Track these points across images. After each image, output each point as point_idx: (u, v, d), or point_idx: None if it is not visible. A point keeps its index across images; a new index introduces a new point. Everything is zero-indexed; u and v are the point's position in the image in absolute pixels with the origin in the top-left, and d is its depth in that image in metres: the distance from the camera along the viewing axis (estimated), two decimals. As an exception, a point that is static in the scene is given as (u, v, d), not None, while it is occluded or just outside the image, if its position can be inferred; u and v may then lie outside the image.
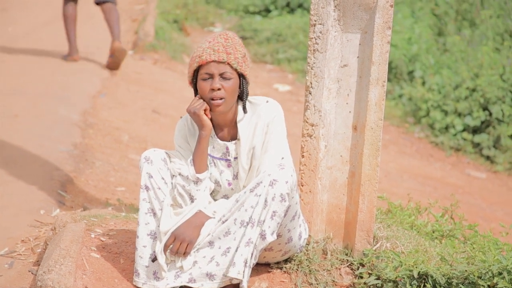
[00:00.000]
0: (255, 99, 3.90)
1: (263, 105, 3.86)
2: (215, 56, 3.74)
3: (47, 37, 11.38)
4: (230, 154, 3.88)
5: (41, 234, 4.86)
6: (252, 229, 3.64)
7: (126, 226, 4.50)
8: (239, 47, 3.80)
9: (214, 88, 3.73)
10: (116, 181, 6.57)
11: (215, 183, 3.91)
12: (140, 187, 3.80)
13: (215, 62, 3.75)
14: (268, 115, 3.84)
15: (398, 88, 11.75)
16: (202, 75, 3.77)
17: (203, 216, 3.75)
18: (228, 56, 3.75)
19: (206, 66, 3.76)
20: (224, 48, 3.76)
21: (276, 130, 3.83)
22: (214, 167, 3.90)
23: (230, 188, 3.90)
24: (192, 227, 3.73)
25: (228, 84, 3.76)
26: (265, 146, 3.81)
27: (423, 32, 12.74)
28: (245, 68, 3.80)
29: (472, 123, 10.42)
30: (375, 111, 4.07)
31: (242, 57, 3.79)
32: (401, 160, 9.75)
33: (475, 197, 8.80)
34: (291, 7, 14.80)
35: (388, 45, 4.05)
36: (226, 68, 3.75)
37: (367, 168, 4.10)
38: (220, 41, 3.78)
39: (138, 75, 10.19)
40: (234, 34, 3.86)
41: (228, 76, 3.76)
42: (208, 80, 3.76)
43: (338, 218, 4.23)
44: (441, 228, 4.79)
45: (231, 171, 3.89)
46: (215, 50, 3.75)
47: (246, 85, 3.84)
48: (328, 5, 4.08)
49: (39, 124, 7.36)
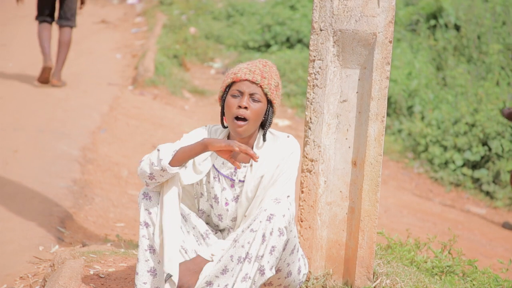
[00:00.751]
0: (277, 132, 3.91)
1: (283, 139, 3.88)
2: (250, 76, 3.77)
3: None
4: (237, 175, 3.87)
5: (39, 271, 4.84)
6: (249, 264, 3.62)
7: (125, 262, 4.48)
8: (275, 76, 3.83)
9: (241, 105, 3.74)
10: (116, 217, 6.56)
11: (213, 198, 3.89)
12: (139, 223, 3.78)
13: (249, 82, 3.77)
14: (286, 150, 3.84)
15: (397, 123, 11.78)
16: (233, 91, 3.78)
17: (201, 260, 3.73)
18: (263, 80, 3.77)
19: (239, 83, 3.78)
20: (261, 71, 3.79)
21: (289, 167, 3.83)
22: (218, 182, 3.89)
23: (226, 208, 3.88)
24: (191, 272, 3.71)
25: (255, 106, 3.76)
26: (274, 179, 3.81)
27: (422, 67, 12.80)
28: (275, 97, 3.82)
29: (471, 158, 10.43)
30: (375, 146, 4.08)
31: (275, 86, 3.81)
32: (401, 195, 9.74)
33: (474, 233, 8.77)
34: (291, 42, 14.86)
35: (387, 80, 4.06)
36: (257, 90, 3.77)
37: (366, 203, 4.10)
38: (258, 65, 3.82)
39: (138, 110, 10.22)
40: (273, 64, 3.89)
41: (258, 98, 3.77)
42: (237, 98, 3.77)
43: (338, 254, 4.22)
44: (440, 264, 4.77)
45: (233, 192, 3.88)
46: (251, 70, 3.78)
47: (271, 114, 3.84)
48: (327, 41, 4.10)
49: (39, 160, 7.37)
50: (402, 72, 12.54)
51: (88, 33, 15.46)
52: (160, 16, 16.75)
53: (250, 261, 3.62)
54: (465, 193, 10.25)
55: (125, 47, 14.46)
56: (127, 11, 18.58)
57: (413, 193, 9.94)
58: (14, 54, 12.49)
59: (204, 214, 3.97)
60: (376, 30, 4.06)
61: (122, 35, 15.67)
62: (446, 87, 12.44)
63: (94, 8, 18.59)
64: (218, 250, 3.73)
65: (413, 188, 10.20)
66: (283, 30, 14.91)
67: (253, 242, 3.61)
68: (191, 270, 3.71)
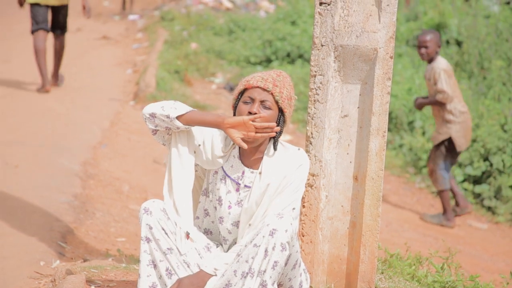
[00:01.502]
0: (287, 144, 3.94)
1: (293, 151, 3.91)
2: (261, 83, 3.80)
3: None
4: (243, 180, 3.88)
5: (40, 286, 4.83)
6: (252, 279, 3.62)
7: (126, 277, 4.48)
8: (288, 86, 3.87)
9: (252, 111, 3.77)
10: (117, 231, 6.55)
11: (217, 200, 3.90)
12: (140, 238, 3.78)
13: (260, 89, 3.81)
14: (295, 162, 3.87)
15: (399, 138, 11.77)
16: (245, 98, 3.82)
17: (204, 275, 3.73)
18: (274, 87, 3.81)
19: (251, 90, 3.82)
20: (273, 80, 3.83)
21: (297, 178, 3.85)
22: (224, 184, 3.90)
23: (228, 211, 3.88)
24: (194, 287, 3.71)
25: (266, 113, 3.80)
26: (281, 189, 3.82)
27: (423, 82, 12.80)
28: (287, 106, 3.85)
29: (472, 173, 10.41)
30: (376, 161, 4.08)
31: (287, 95, 3.84)
32: (402, 210, 9.72)
33: (476, 248, 8.75)
34: (292, 57, 14.89)
35: (388, 95, 4.07)
36: (269, 98, 3.81)
37: (368, 218, 4.10)
38: (272, 74, 3.86)
39: (139, 125, 10.22)
40: (287, 75, 3.93)
41: (269, 105, 3.81)
42: (248, 104, 3.81)
43: (339, 268, 4.21)
44: (442, 279, 4.76)
45: (237, 196, 3.88)
46: (263, 78, 3.83)
47: (282, 123, 3.88)
48: (328, 56, 4.11)
49: (39, 175, 7.37)
50: (402, 87, 12.55)
51: (89, 49, 15.49)
52: (161, 32, 16.77)
53: (253, 276, 3.62)
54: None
55: (126, 62, 14.48)
56: (128, 27, 18.62)
57: (414, 208, 9.92)
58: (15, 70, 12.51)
59: (207, 217, 3.97)
60: (377, 46, 4.08)
61: (123, 51, 15.69)
62: (447, 102, 12.43)
63: (96, 24, 18.63)
64: (221, 264, 3.73)
65: (415, 203, 10.19)
66: (284, 45, 14.94)
67: (256, 257, 3.61)
68: (194, 284, 3.70)
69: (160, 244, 3.74)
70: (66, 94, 10.74)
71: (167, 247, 3.74)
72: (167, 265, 3.74)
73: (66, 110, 10.14)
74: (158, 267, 3.75)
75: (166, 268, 3.74)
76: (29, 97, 10.56)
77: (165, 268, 3.74)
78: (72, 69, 13.11)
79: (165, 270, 3.74)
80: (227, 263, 3.72)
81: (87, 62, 14.12)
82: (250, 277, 3.62)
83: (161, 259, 3.74)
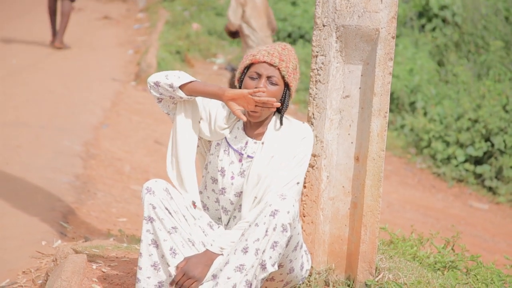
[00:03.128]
0: (293, 119, 3.94)
1: (298, 124, 3.91)
2: (268, 58, 3.78)
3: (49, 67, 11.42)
4: (246, 150, 3.88)
5: (42, 266, 4.84)
6: (245, 255, 3.61)
7: (127, 257, 4.49)
8: (293, 59, 3.85)
9: (259, 87, 3.76)
10: (118, 212, 6.56)
11: (220, 171, 3.90)
12: (143, 218, 3.77)
13: (267, 64, 3.79)
14: (299, 135, 3.87)
15: (400, 118, 11.77)
16: (251, 73, 3.81)
17: (211, 254, 3.72)
18: (281, 62, 3.79)
19: (257, 65, 3.80)
20: (279, 54, 3.81)
21: (301, 152, 3.85)
22: (228, 155, 3.90)
23: (231, 182, 3.88)
24: (202, 265, 3.69)
25: (272, 89, 3.79)
26: (286, 162, 3.82)
27: (424, 63, 12.79)
28: (293, 80, 3.84)
29: (474, 154, 10.42)
30: (377, 141, 4.08)
31: (293, 69, 3.83)
32: (403, 191, 9.74)
33: (477, 228, 8.77)
34: (293, 38, 14.87)
35: (390, 76, 4.06)
36: (275, 73, 3.79)
37: (369, 199, 4.10)
38: (277, 48, 3.84)
39: (140, 105, 10.23)
40: (292, 47, 3.91)
41: (275, 81, 3.79)
42: (255, 80, 3.79)
43: (340, 249, 4.22)
44: (443, 259, 4.76)
45: (240, 167, 3.88)
46: (269, 53, 3.81)
47: (288, 98, 3.87)
48: (330, 36, 4.10)
49: (41, 155, 7.37)
50: (404, 68, 12.54)
51: (90, 29, 15.47)
52: (163, 12, 16.75)
53: (246, 252, 3.61)
54: (467, 188, 10.25)
55: (127, 43, 14.46)
56: (129, 7, 18.59)
57: (415, 189, 9.94)
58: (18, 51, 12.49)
59: (205, 191, 3.97)
60: (379, 26, 4.06)
61: (124, 31, 15.67)
62: (449, 83, 12.43)
63: (97, 4, 18.61)
64: (227, 243, 3.72)
65: (416, 184, 10.20)
66: (285, 26, 14.92)
67: (253, 235, 3.61)
68: (202, 263, 3.69)
69: (165, 223, 3.73)
70: (67, 74, 10.73)
71: (172, 225, 3.73)
72: (171, 244, 3.73)
73: (68, 90, 10.14)
74: (161, 247, 3.74)
75: (171, 247, 3.73)
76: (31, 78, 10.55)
77: (169, 247, 3.73)
78: (73, 49, 13.10)
79: (169, 250, 3.73)
80: (233, 242, 3.72)
81: (88, 42, 14.11)
82: (243, 252, 3.62)
83: (165, 239, 3.74)
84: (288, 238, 3.66)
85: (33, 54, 12.22)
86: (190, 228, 3.79)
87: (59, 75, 10.92)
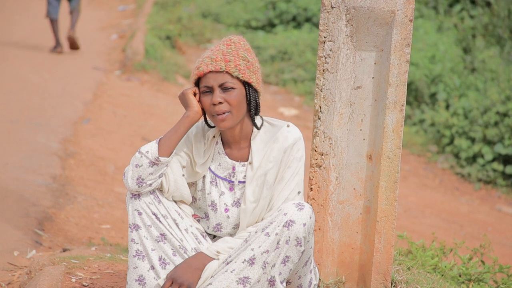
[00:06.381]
0: (275, 121, 3.89)
1: (283, 128, 3.86)
2: (212, 66, 3.74)
3: (21, 54, 11.44)
4: (236, 176, 3.87)
5: (14, 279, 4.85)
6: (251, 267, 3.62)
7: (111, 268, 4.50)
8: (242, 52, 3.79)
9: (215, 102, 3.73)
10: (101, 217, 6.57)
11: (210, 206, 3.89)
12: (128, 225, 3.77)
13: (213, 73, 3.75)
14: (286, 140, 3.83)
15: (419, 112, 11.79)
16: (202, 88, 3.78)
17: (204, 257, 3.72)
18: (227, 64, 3.75)
19: (204, 78, 3.77)
20: (223, 55, 3.76)
21: (294, 160, 3.82)
22: (216, 187, 3.89)
23: (227, 215, 3.88)
24: (192, 269, 3.70)
25: (230, 96, 3.75)
26: (281, 176, 3.81)
27: (448, 49, 12.79)
28: (250, 75, 3.79)
29: (503, 152, 10.42)
30: (392, 138, 4.09)
31: (245, 64, 3.78)
32: (423, 193, 9.75)
33: (507, 236, 8.79)
34: (298, 21, 14.87)
35: (407, 64, 4.07)
36: (226, 78, 3.75)
37: (383, 202, 4.11)
38: (221, 48, 3.79)
39: (126, 97, 10.24)
40: (240, 38, 3.85)
41: (229, 86, 3.75)
42: (208, 94, 3.77)
43: (351, 259, 4.23)
44: (468, 271, 4.77)
45: (232, 195, 3.87)
46: (213, 59, 3.76)
47: (254, 95, 3.82)
48: (339, 19, 4.11)
49: (13, 154, 7.38)
50: (424, 55, 12.55)
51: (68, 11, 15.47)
52: (151, -8, 16.76)
53: (253, 264, 3.61)
54: (495, 191, 10.26)
55: (110, 26, 14.47)
56: (113, -14, 18.59)
57: (436, 191, 9.95)
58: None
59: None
60: (395, 7, 4.07)
61: (107, 14, 15.68)
62: (475, 72, 12.43)
63: (76, -18, 18.57)
64: (225, 248, 3.73)
65: (437, 186, 10.22)
66: (289, 7, 14.92)
67: (263, 245, 3.61)
68: (192, 266, 3.69)
69: (152, 231, 3.74)
70: (42, 62, 10.75)
71: (160, 232, 3.74)
72: (160, 254, 3.74)
73: (43, 80, 10.16)
74: (150, 257, 3.75)
75: (160, 257, 3.74)
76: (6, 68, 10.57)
77: (158, 257, 3.74)
78: (48, 33, 13.10)
79: (158, 260, 3.74)
80: (232, 248, 3.72)
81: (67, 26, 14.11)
82: (249, 264, 3.62)
83: (153, 248, 3.74)
84: (301, 253, 3.67)
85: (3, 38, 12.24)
86: (182, 234, 3.80)
87: (33, 63, 10.93)
